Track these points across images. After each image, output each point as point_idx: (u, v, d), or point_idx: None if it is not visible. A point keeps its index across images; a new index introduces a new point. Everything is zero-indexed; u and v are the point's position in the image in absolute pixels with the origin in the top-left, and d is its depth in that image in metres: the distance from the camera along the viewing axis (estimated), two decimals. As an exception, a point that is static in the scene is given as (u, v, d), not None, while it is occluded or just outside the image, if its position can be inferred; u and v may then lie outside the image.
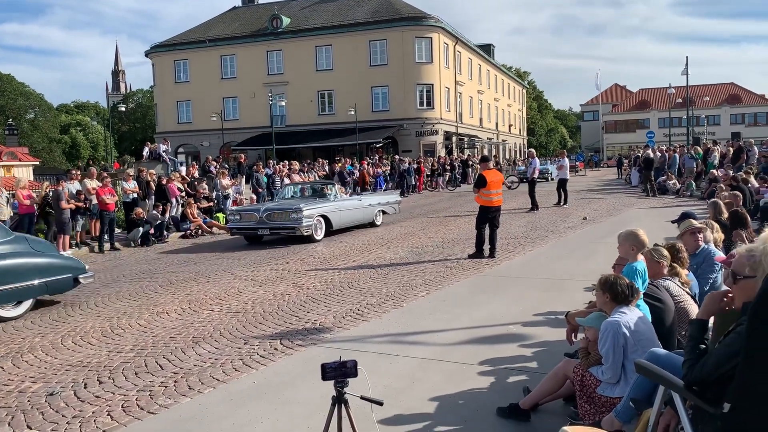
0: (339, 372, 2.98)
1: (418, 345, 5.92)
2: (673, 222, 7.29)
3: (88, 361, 5.87)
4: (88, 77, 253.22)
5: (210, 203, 18.48)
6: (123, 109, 53.84)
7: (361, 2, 45.68)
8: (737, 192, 10.40)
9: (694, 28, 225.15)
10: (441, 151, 42.11)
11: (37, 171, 35.05)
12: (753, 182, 15.38)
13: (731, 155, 23.30)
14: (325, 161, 30.38)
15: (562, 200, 19.60)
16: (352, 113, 39.15)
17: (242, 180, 22.90)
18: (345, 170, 26.98)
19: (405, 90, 42.42)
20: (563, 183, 19.93)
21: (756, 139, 32.91)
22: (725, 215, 7.62)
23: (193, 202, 17.32)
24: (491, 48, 61.52)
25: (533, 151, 21.88)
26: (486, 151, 49.81)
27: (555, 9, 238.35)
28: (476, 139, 50.43)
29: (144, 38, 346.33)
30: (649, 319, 3.98)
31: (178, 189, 17.49)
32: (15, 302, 7.88)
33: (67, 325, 7.33)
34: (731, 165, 21.68)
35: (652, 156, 25.23)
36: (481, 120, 54.48)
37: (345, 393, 3.01)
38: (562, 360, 4.31)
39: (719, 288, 5.18)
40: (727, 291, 2.98)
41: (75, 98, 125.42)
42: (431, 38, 43.02)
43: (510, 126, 65.15)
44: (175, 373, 5.39)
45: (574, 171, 41.48)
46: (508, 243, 12.13)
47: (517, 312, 6.94)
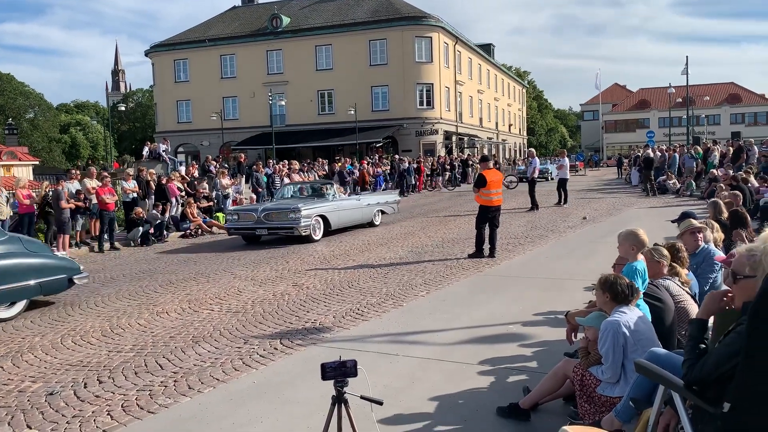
0: (339, 372, 2.98)
1: (418, 344, 5.92)
2: (673, 222, 7.28)
3: (88, 361, 5.87)
4: (88, 77, 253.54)
5: (210, 203, 18.49)
6: (123, 109, 53.79)
7: (361, 2, 45.66)
8: (737, 191, 10.40)
9: (694, 28, 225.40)
10: (441, 151, 42.11)
11: (37, 171, 35.02)
12: (753, 182, 15.38)
13: (731, 155, 23.30)
14: (325, 161, 30.37)
15: (562, 200, 19.61)
16: (352, 113, 39.15)
17: (242, 179, 22.92)
18: (345, 170, 26.97)
19: (405, 89, 42.42)
20: (563, 183, 19.93)
21: (756, 139, 32.92)
22: (725, 215, 7.62)
23: (193, 202, 17.32)
24: (491, 48, 61.53)
25: (533, 151, 21.87)
26: (486, 151, 49.81)
27: (555, 9, 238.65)
28: (476, 139, 50.43)
29: (144, 38, 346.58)
30: (649, 319, 3.98)
31: (178, 188, 17.49)
32: (8, 303, 7.80)
33: (67, 325, 7.33)
34: (731, 164, 21.67)
35: (652, 156, 25.24)
36: (481, 119, 54.49)
37: (345, 392, 3.01)
38: (562, 360, 4.30)
39: (719, 288, 5.18)
40: (727, 290, 2.98)
41: (75, 98, 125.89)
42: (431, 38, 43.01)
43: (510, 126, 65.17)
44: (175, 373, 5.39)
45: (574, 171, 41.49)
46: (508, 242, 12.13)
47: (517, 311, 6.94)
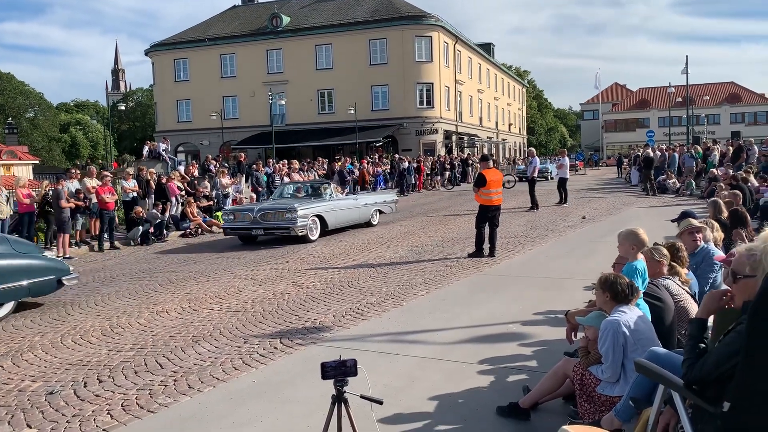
0: (339, 371, 2.98)
1: (418, 344, 5.92)
2: (673, 221, 7.28)
3: (88, 360, 5.87)
4: (88, 76, 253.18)
5: (210, 202, 18.49)
6: (123, 108, 53.69)
7: (361, 1, 45.65)
8: (737, 191, 10.41)
9: (694, 28, 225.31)
10: (441, 150, 42.12)
11: (37, 170, 35.06)
12: (753, 181, 15.38)
13: (731, 154, 23.30)
14: (325, 160, 30.36)
15: (562, 199, 19.60)
16: (352, 112, 39.14)
17: (242, 179, 22.91)
18: (345, 169, 26.96)
19: (405, 89, 42.41)
20: (563, 182, 19.94)
21: (756, 138, 32.94)
22: (725, 214, 7.62)
23: (193, 201, 17.32)
24: (491, 47, 61.54)
25: (533, 150, 21.88)
26: (486, 150, 49.81)
27: (555, 9, 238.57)
28: (476, 138, 50.45)
29: (144, 37, 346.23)
30: (649, 318, 3.98)
31: (178, 188, 17.49)
32: None
33: (67, 324, 7.33)
34: (731, 164, 21.67)
35: (652, 155, 25.24)
36: (481, 119, 54.49)
37: (345, 392, 3.01)
38: (562, 359, 4.30)
39: (719, 287, 5.18)
40: (726, 290, 2.98)
41: (75, 97, 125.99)
42: (431, 37, 43.01)
43: (510, 125, 65.17)
44: (175, 372, 5.39)
45: (574, 170, 41.51)
46: (508, 242, 12.13)
47: (517, 311, 6.94)
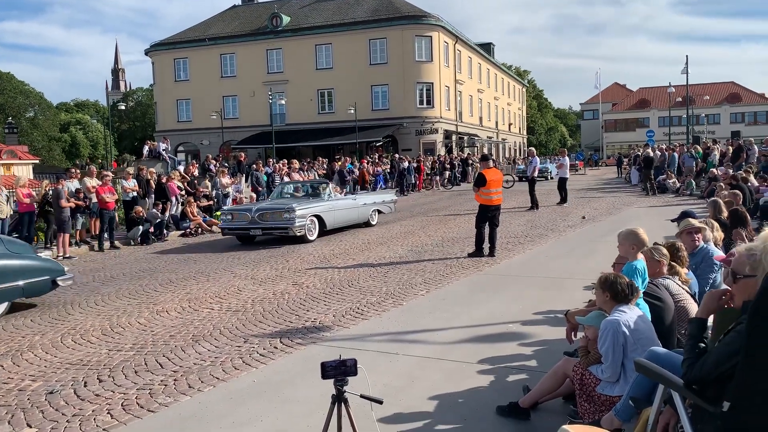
0: (339, 370, 2.98)
1: (418, 343, 5.92)
2: (673, 221, 7.29)
3: (88, 360, 5.87)
4: (88, 76, 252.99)
5: (210, 202, 18.49)
6: (123, 108, 53.65)
7: (361, 1, 45.64)
8: (737, 191, 10.41)
9: (694, 28, 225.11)
10: (441, 150, 42.12)
11: (37, 169, 35.07)
12: (753, 181, 15.39)
13: (731, 154, 23.30)
14: (325, 160, 30.37)
15: (562, 199, 19.59)
16: (352, 112, 39.14)
17: (242, 179, 22.91)
18: (345, 169, 26.98)
19: (405, 89, 42.41)
20: (563, 182, 19.93)
21: (756, 138, 32.97)
22: (725, 214, 7.62)
23: (193, 201, 17.32)
24: (491, 47, 61.53)
25: (533, 150, 21.86)
26: (486, 150, 49.82)
27: (555, 8, 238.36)
28: (476, 138, 50.45)
29: (144, 37, 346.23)
30: (649, 318, 3.98)
31: (178, 187, 17.49)
32: None
33: (67, 324, 7.33)
34: (731, 164, 21.67)
35: (652, 155, 25.23)
36: (481, 119, 54.49)
37: (345, 391, 3.01)
38: (562, 359, 4.30)
39: (719, 287, 5.18)
40: (726, 289, 2.98)
41: (75, 97, 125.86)
42: (431, 37, 43.00)
43: (510, 125, 65.17)
44: (175, 372, 5.39)
45: (574, 170, 41.52)
46: (508, 242, 12.13)
47: (517, 311, 6.95)
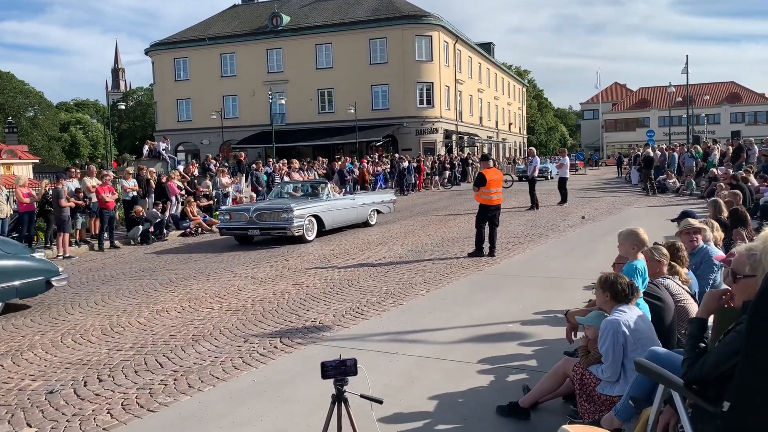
0: (339, 370, 2.98)
1: (418, 343, 5.92)
2: (673, 221, 7.29)
3: (88, 359, 5.87)
4: (88, 75, 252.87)
5: (210, 201, 18.48)
6: (123, 107, 53.70)
7: (361, 0, 45.63)
8: (737, 191, 10.41)
9: (694, 27, 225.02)
10: (441, 150, 42.12)
11: (37, 169, 35.07)
12: (753, 181, 15.39)
13: (731, 154, 23.30)
14: (325, 160, 30.36)
15: (563, 199, 19.59)
16: (352, 111, 39.13)
17: (242, 178, 22.91)
18: (345, 169, 26.98)
19: (405, 88, 42.40)
20: (563, 182, 19.93)
21: (756, 138, 32.88)
22: (725, 214, 7.62)
23: (193, 201, 17.32)
24: (491, 46, 61.52)
25: (533, 150, 21.85)
26: (486, 150, 49.82)
27: (555, 8, 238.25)
28: (476, 138, 50.43)
29: (144, 36, 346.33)
30: (649, 318, 3.98)
31: (178, 187, 17.49)
32: None
33: (67, 323, 7.33)
34: (731, 164, 21.67)
35: (652, 155, 25.23)
36: (481, 118, 54.48)
37: (345, 391, 3.01)
38: (562, 358, 4.30)
39: (719, 287, 5.17)
40: (726, 289, 2.98)
41: (75, 96, 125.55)
42: (431, 36, 42.99)
43: (510, 124, 65.17)
44: (175, 371, 5.39)
45: (574, 170, 41.52)
46: (508, 241, 12.13)
47: (517, 310, 6.95)
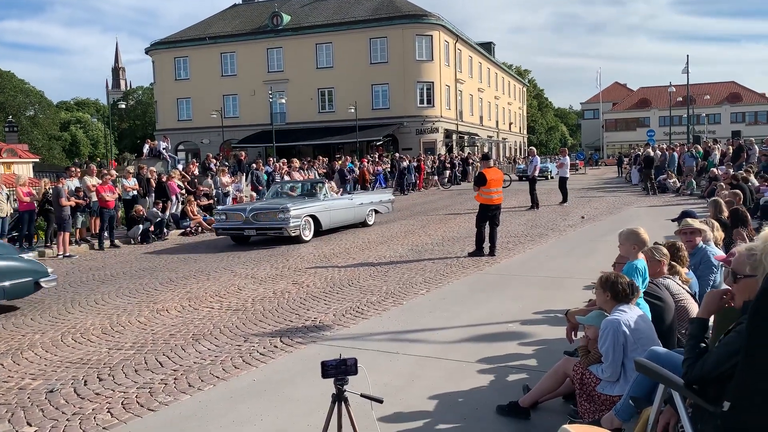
0: (339, 370, 2.98)
1: (418, 343, 5.92)
2: (674, 220, 7.29)
3: (88, 358, 5.87)
4: (88, 74, 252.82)
5: (210, 201, 18.48)
6: (123, 107, 53.81)
7: (362, 0, 45.63)
8: (737, 190, 10.40)
9: (695, 27, 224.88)
10: (441, 149, 42.11)
11: (37, 168, 35.02)
12: (753, 181, 15.38)
13: (731, 154, 23.30)
14: (325, 159, 30.37)
15: (564, 199, 19.59)
16: (353, 111, 39.12)
17: (242, 178, 22.90)
18: (345, 168, 26.97)
19: (405, 88, 42.39)
20: (563, 181, 19.93)
21: (756, 138, 32.92)
22: (725, 214, 7.62)
23: (193, 200, 17.32)
24: (492, 46, 61.50)
25: (534, 150, 21.84)
26: (486, 149, 49.80)
27: (555, 7, 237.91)
28: (476, 137, 50.42)
29: (144, 36, 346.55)
30: (649, 318, 3.98)
31: (178, 186, 17.49)
32: None
33: (67, 322, 7.33)
34: (731, 163, 21.67)
35: (653, 154, 25.22)
36: (482, 118, 54.48)
37: (345, 391, 3.01)
38: (562, 358, 4.30)
39: (719, 287, 5.16)
40: (726, 289, 2.98)
41: (75, 95, 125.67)
42: (432, 36, 42.98)
43: (510, 124, 65.16)
44: (175, 371, 5.39)
45: (574, 169, 41.52)
46: (508, 241, 12.13)
47: (517, 310, 6.95)
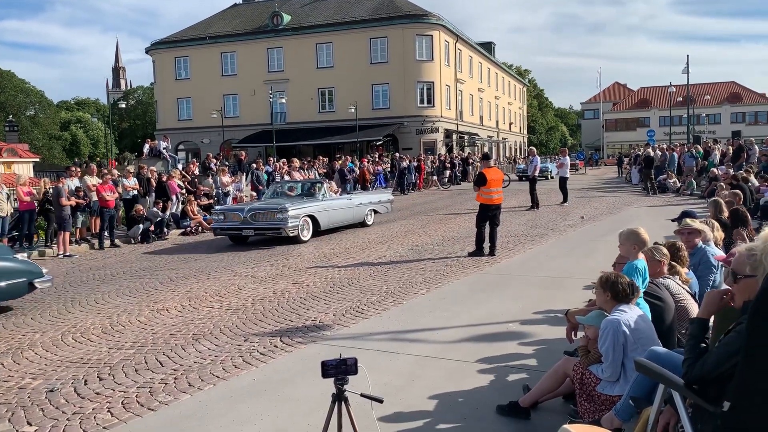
0: (339, 369, 2.98)
1: (418, 342, 5.92)
2: (674, 220, 7.28)
3: (88, 358, 5.88)
4: (89, 74, 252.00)
5: (210, 200, 18.48)
6: (123, 106, 53.80)
7: (362, 0, 45.62)
8: (737, 190, 10.40)
9: (695, 27, 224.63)
10: (441, 149, 42.11)
11: (37, 168, 35.02)
12: (753, 181, 15.38)
13: (731, 154, 23.29)
14: (326, 159, 30.36)
15: (563, 199, 19.59)
16: (353, 111, 39.11)
17: (242, 177, 22.90)
18: (345, 168, 26.97)
19: (405, 88, 42.38)
20: (563, 181, 19.93)
21: (756, 138, 32.93)
22: (726, 214, 7.62)
23: (194, 200, 17.32)
24: (492, 46, 61.48)
25: (534, 150, 21.83)
26: (486, 149, 49.80)
27: (555, 7, 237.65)
28: (476, 137, 50.41)
29: (144, 35, 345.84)
30: (649, 318, 3.98)
31: (179, 186, 17.50)
32: None
33: (67, 322, 7.33)
34: (731, 164, 21.67)
35: (653, 154, 25.22)
36: (482, 118, 54.47)
37: (345, 390, 3.01)
38: (562, 358, 4.30)
39: (719, 287, 5.16)
40: (726, 289, 2.98)
41: (75, 95, 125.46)
42: (432, 36, 42.97)
43: (510, 124, 65.14)
44: (175, 370, 5.39)
45: (575, 169, 41.51)
46: (508, 241, 12.13)
47: (517, 310, 6.95)
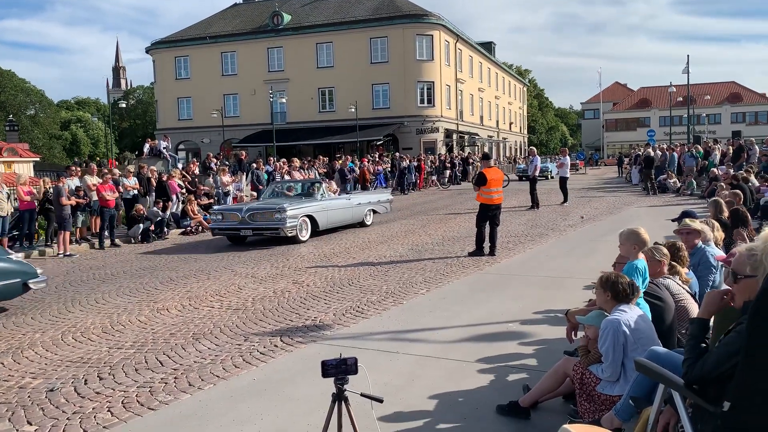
0: (339, 369, 2.99)
1: (418, 342, 5.92)
2: (674, 220, 7.28)
3: (89, 357, 5.88)
4: (89, 74, 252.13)
5: (210, 200, 18.49)
6: (123, 106, 53.80)
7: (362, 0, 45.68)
8: (738, 191, 10.40)
9: (695, 27, 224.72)
10: (441, 149, 42.11)
11: (38, 167, 35.03)
12: (753, 181, 15.38)
13: (732, 154, 23.29)
14: (326, 158, 30.37)
15: (564, 199, 19.59)
16: (353, 110, 39.11)
17: (243, 177, 22.90)
18: (346, 168, 26.98)
19: (406, 87, 42.39)
20: (563, 181, 19.92)
21: (757, 138, 32.96)
22: (726, 214, 7.62)
23: (194, 199, 17.32)
24: (492, 46, 61.48)
25: (534, 149, 21.82)
26: (486, 149, 49.79)
27: (555, 7, 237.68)
28: (476, 137, 50.41)
29: (144, 35, 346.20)
30: (649, 318, 3.98)
31: (179, 186, 17.50)
32: None
33: (68, 322, 7.34)
34: (732, 164, 21.67)
35: (653, 154, 25.22)
36: (482, 118, 54.47)
37: (345, 390, 3.02)
38: (562, 358, 4.31)
39: (719, 288, 5.16)
40: (727, 289, 2.98)
41: (75, 94, 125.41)
42: (432, 36, 42.97)
43: (510, 124, 65.15)
44: (175, 370, 5.39)
45: (575, 169, 41.51)
46: (509, 241, 12.13)
47: (517, 310, 6.95)
